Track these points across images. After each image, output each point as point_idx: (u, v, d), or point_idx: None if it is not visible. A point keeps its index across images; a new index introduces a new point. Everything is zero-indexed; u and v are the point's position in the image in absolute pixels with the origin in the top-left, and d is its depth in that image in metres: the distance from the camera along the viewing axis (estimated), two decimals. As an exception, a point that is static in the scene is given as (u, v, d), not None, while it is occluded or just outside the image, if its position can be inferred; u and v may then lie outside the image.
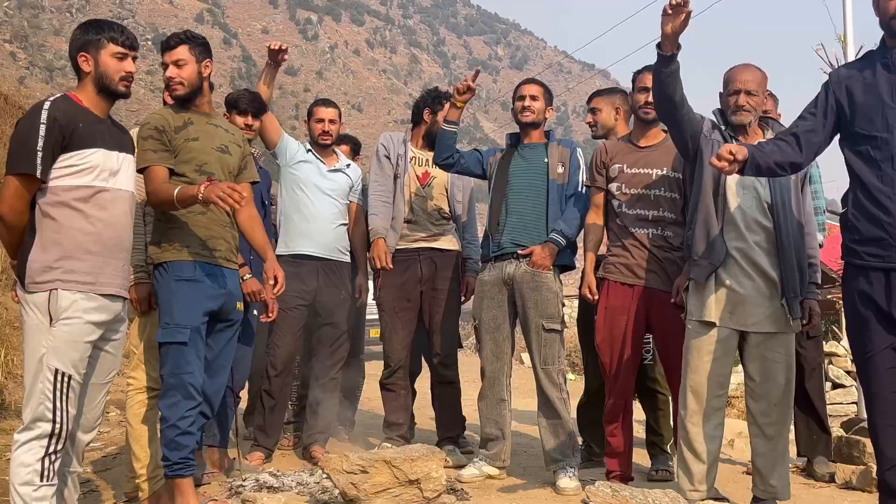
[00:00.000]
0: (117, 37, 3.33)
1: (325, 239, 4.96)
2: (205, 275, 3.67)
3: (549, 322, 4.38)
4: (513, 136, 4.74)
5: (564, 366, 4.46)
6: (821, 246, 4.92)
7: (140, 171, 3.59)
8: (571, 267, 4.62)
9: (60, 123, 3.16)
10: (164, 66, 3.77)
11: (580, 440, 5.02)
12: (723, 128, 3.85)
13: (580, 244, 4.55)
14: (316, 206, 4.96)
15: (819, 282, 3.86)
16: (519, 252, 4.43)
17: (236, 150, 3.91)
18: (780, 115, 5.07)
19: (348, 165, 5.21)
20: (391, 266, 4.96)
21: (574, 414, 4.79)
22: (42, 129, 3.13)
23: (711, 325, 3.75)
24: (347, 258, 5.10)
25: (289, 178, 5.02)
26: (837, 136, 3.45)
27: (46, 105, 3.18)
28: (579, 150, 4.69)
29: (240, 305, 3.91)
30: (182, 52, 3.74)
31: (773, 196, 3.72)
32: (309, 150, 5.06)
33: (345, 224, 5.10)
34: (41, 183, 3.16)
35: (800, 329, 3.83)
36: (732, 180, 3.75)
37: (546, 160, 4.52)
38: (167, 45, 3.76)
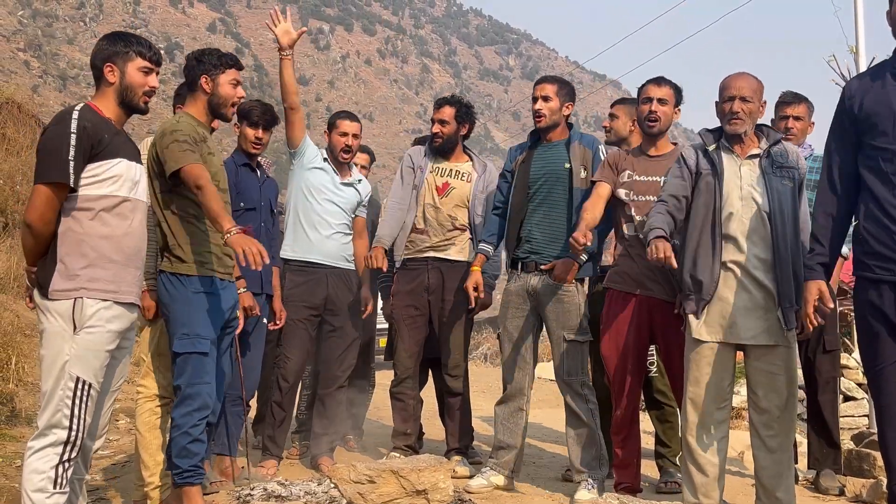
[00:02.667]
0: (145, 51, 3.39)
1: (331, 247, 4.95)
2: (220, 288, 3.76)
3: (572, 333, 4.38)
4: (534, 135, 4.69)
5: (589, 377, 4.43)
6: (845, 258, 4.87)
7: (172, 173, 3.61)
8: (592, 275, 4.63)
9: (89, 133, 3.18)
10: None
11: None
12: (711, 147, 3.84)
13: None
14: (325, 216, 4.95)
15: None
16: (542, 267, 4.44)
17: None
18: (813, 123, 5.04)
19: (360, 181, 5.20)
20: (383, 267, 4.94)
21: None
22: (73, 139, 3.15)
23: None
24: (353, 266, 5.09)
25: (301, 182, 4.99)
26: None
27: (74, 115, 3.20)
28: (602, 148, 4.62)
29: (240, 314, 3.99)
30: None
31: (772, 205, 3.71)
32: (325, 160, 5.06)
33: (349, 235, 5.09)
34: (70, 191, 3.19)
35: (795, 339, 3.80)
36: (733, 194, 3.75)
37: (567, 165, 4.48)
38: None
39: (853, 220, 3.40)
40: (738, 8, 20.09)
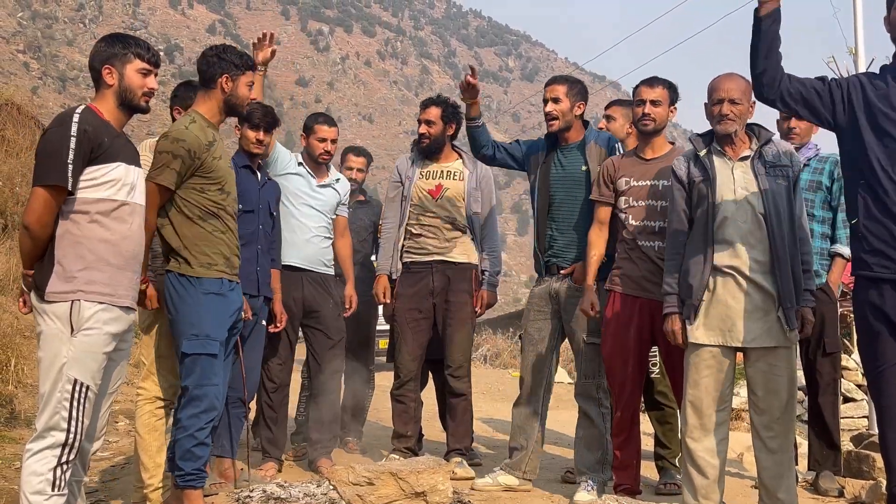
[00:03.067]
0: (143, 53, 3.37)
1: (310, 251, 4.93)
2: (229, 290, 3.75)
3: (591, 336, 4.39)
4: (550, 136, 4.66)
5: (605, 381, 4.43)
6: (847, 260, 4.85)
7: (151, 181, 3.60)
8: None
9: (90, 136, 3.17)
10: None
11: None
12: (702, 153, 3.85)
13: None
14: (302, 220, 4.92)
15: (814, 288, 3.84)
16: (562, 272, 4.47)
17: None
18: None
19: (337, 180, 5.18)
20: (388, 300, 5.12)
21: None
22: (73, 142, 3.14)
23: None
24: (331, 271, 5.08)
25: None
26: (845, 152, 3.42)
27: (76, 117, 3.19)
28: (619, 145, 4.61)
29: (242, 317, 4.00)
30: None
31: (767, 205, 3.70)
32: (301, 164, 5.03)
33: (330, 238, 5.08)
34: (69, 194, 3.19)
35: (797, 340, 3.79)
36: (727, 197, 3.74)
37: (584, 167, 4.49)
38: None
39: (850, 220, 3.38)
40: (739, 9, 20.06)
